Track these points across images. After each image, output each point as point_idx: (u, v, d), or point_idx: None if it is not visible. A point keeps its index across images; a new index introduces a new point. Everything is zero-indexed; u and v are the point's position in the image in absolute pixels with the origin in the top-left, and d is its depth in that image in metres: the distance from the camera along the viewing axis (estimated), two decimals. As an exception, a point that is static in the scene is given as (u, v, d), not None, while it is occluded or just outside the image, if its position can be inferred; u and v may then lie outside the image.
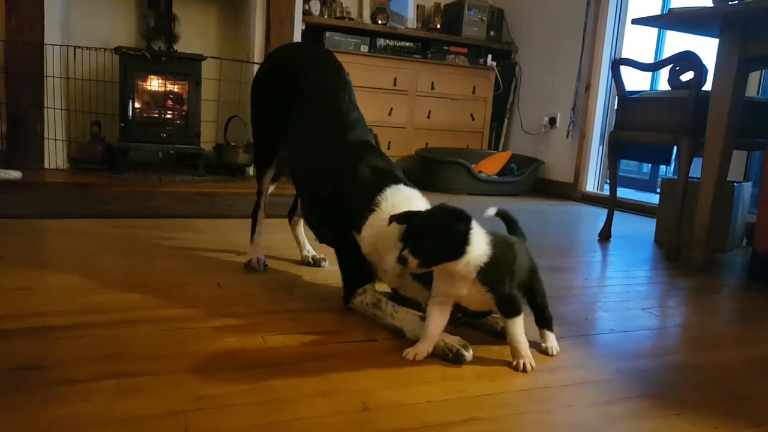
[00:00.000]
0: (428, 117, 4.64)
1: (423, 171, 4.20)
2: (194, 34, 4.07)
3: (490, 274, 1.14)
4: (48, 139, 3.41)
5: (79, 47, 3.45)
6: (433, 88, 4.62)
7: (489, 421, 1.01)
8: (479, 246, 1.13)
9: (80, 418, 0.92)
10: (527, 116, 4.73)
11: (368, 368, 1.17)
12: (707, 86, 2.31)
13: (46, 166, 3.43)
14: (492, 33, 4.81)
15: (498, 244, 1.16)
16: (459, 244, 1.11)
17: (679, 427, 1.03)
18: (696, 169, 2.39)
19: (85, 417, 0.92)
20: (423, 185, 1.72)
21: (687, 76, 2.47)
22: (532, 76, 4.73)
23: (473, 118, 4.79)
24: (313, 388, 1.07)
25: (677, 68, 2.48)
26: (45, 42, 3.32)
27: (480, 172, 4.26)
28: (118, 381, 1.04)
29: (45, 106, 3.37)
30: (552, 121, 4.48)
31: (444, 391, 1.10)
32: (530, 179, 4.43)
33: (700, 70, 2.35)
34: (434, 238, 1.10)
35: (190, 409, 0.96)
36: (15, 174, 3.00)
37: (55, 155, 3.46)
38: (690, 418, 1.06)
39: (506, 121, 4.93)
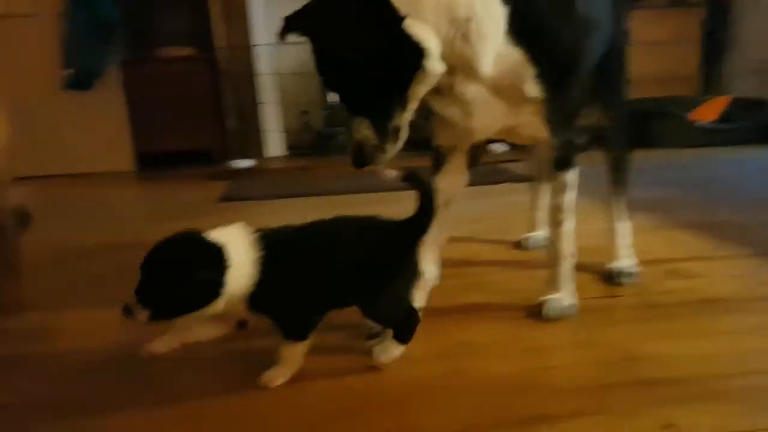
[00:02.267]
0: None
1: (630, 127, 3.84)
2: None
3: (261, 300, 0.89)
4: (267, 130, 3.86)
5: (284, 44, 3.80)
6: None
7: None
8: (241, 274, 0.86)
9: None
10: (753, 53, 4.07)
11: (625, 323, 1.16)
12: None
13: (272, 154, 3.88)
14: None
15: (271, 267, 0.88)
16: (206, 293, 0.85)
17: None
18: None
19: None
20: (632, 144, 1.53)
21: None
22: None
23: (679, 63, 4.26)
24: (572, 339, 1.09)
25: None
26: (254, 44, 3.73)
27: (696, 121, 3.78)
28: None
29: (261, 101, 3.81)
30: (785, 54, 3.81)
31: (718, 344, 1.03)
32: (760, 125, 3.80)
33: None
34: (170, 287, 0.84)
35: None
36: (247, 163, 3.45)
37: (275, 144, 3.90)
38: None
39: (722, 61, 4.31)
